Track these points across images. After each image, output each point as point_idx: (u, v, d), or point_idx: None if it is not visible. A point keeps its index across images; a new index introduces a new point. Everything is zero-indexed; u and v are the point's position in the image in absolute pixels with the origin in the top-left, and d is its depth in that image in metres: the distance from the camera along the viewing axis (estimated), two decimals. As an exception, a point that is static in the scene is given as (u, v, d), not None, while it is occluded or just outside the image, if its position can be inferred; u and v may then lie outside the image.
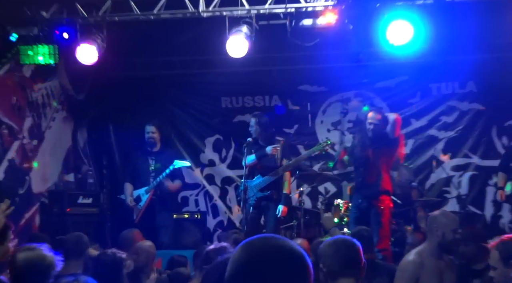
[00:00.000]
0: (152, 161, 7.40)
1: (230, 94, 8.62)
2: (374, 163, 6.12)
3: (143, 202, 7.21)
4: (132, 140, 8.14)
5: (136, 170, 7.41)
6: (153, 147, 7.42)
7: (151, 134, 7.37)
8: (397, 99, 8.19)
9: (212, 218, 8.58)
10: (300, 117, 8.45)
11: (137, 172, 7.40)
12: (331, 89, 8.42)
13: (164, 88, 8.74)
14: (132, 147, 7.81)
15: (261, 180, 6.64)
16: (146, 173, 7.34)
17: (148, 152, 7.43)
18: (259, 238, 1.53)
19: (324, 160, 8.34)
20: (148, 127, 7.41)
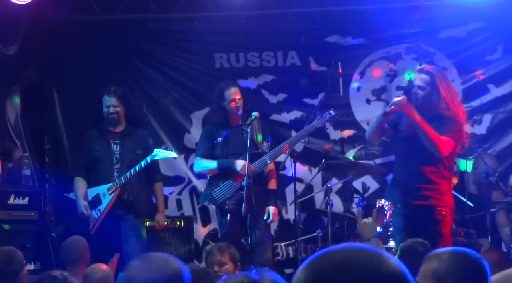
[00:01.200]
0: (115, 146, 7.39)
1: (228, 49, 8.64)
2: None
3: (103, 205, 7.23)
4: (87, 115, 8.09)
5: (93, 159, 7.40)
6: (116, 126, 7.41)
7: (112, 109, 7.35)
8: (468, 55, 8.15)
9: (201, 226, 8.58)
10: (328, 82, 8.34)
11: (93, 162, 7.39)
12: (372, 41, 8.42)
13: (133, 40, 8.72)
14: (86, 126, 7.82)
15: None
16: (107, 164, 7.34)
17: (109, 132, 7.42)
18: (339, 252, 1.49)
19: (363, 143, 8.27)
20: (108, 99, 7.38)
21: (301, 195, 7.73)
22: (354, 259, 1.47)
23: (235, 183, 6.84)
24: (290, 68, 8.52)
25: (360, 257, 1.47)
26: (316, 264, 1.48)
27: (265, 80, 8.58)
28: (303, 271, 1.48)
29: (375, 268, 1.45)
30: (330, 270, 1.46)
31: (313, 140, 8.27)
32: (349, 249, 1.49)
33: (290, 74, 8.50)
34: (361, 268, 1.45)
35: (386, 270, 1.46)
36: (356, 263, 1.46)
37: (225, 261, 5.31)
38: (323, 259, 1.49)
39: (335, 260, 1.47)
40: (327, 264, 1.47)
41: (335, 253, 1.49)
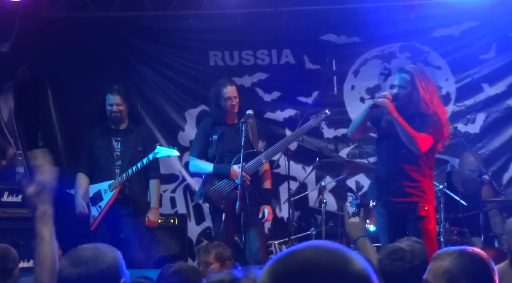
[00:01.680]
0: (116, 143, 7.41)
1: (222, 47, 8.62)
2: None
3: (104, 202, 7.23)
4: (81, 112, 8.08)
5: (94, 156, 7.44)
6: (119, 124, 7.45)
7: (115, 107, 7.38)
8: (462, 54, 8.13)
9: (195, 224, 8.57)
10: (322, 81, 8.39)
11: (95, 159, 7.43)
12: (366, 40, 8.40)
13: (127, 38, 8.70)
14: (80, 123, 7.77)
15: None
16: (108, 161, 7.37)
17: (111, 131, 7.45)
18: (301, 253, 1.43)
19: (356, 141, 8.30)
20: (111, 97, 7.41)
21: (295, 193, 7.74)
22: (317, 259, 1.41)
23: (231, 182, 6.84)
24: (284, 67, 8.49)
25: (323, 257, 1.42)
26: (279, 266, 1.43)
27: (260, 78, 8.57)
28: (266, 274, 1.43)
29: (339, 268, 1.40)
30: (292, 271, 1.40)
31: (307, 139, 8.28)
32: (312, 249, 1.43)
33: (285, 72, 8.47)
34: (324, 268, 1.40)
35: (350, 270, 1.42)
36: (319, 263, 1.40)
37: (211, 261, 5.32)
38: (285, 260, 1.43)
39: (298, 261, 1.42)
40: (290, 265, 1.42)
41: (298, 253, 1.43)
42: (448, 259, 2.89)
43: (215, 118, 7.13)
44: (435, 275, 2.91)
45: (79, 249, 2.74)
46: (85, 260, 2.64)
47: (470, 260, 2.85)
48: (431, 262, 2.96)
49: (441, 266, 2.89)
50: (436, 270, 2.90)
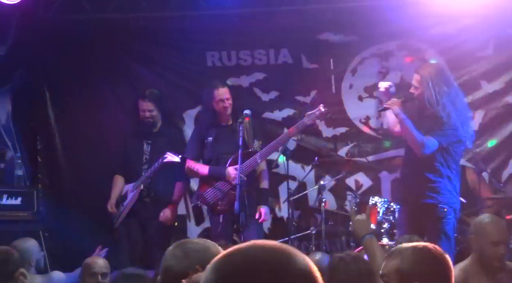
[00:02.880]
0: (147, 146, 7.59)
1: (220, 48, 8.61)
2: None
3: (127, 201, 7.43)
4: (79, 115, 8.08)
5: (126, 159, 7.63)
6: (153, 128, 7.64)
7: (147, 113, 7.60)
8: (459, 51, 8.12)
9: (194, 225, 8.57)
10: (320, 80, 8.41)
11: (127, 161, 7.63)
12: (364, 38, 8.38)
13: (124, 39, 8.70)
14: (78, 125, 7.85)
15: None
16: (138, 164, 7.57)
17: (143, 133, 7.65)
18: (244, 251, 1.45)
19: (356, 140, 8.28)
20: (142, 103, 7.60)
21: (294, 193, 7.74)
22: (261, 256, 1.43)
23: (227, 184, 6.86)
24: (282, 66, 8.47)
25: (266, 254, 1.43)
26: (221, 265, 1.44)
27: (257, 78, 8.55)
28: (211, 271, 1.45)
29: (282, 266, 1.41)
30: (237, 268, 1.42)
31: (306, 138, 8.29)
32: (254, 248, 1.45)
33: (282, 72, 8.46)
34: (268, 264, 1.41)
35: (293, 268, 1.43)
36: (263, 260, 1.42)
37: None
38: (230, 257, 1.45)
39: (240, 259, 1.43)
40: (232, 264, 1.43)
41: (240, 252, 1.45)
42: (399, 257, 2.90)
43: (209, 119, 7.15)
44: (389, 272, 2.92)
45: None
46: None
47: (422, 257, 2.86)
48: (385, 260, 2.98)
49: (394, 264, 2.90)
50: (390, 268, 2.92)
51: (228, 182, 6.82)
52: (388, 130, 7.02)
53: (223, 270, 1.44)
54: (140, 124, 7.64)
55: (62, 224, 7.84)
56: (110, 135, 8.19)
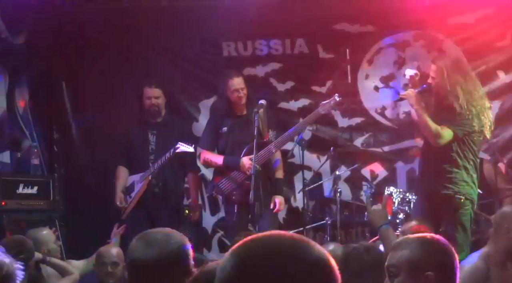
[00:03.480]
0: (152, 136, 7.47)
1: (236, 38, 8.61)
2: None
3: (135, 192, 7.32)
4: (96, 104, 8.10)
5: (130, 149, 7.51)
6: (156, 117, 7.51)
7: (153, 100, 7.45)
8: (476, 41, 8.07)
9: (210, 215, 8.59)
10: (336, 70, 8.39)
11: (131, 151, 7.51)
12: (380, 28, 8.36)
13: (141, 28, 8.66)
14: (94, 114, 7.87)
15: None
16: (143, 154, 7.44)
17: (147, 123, 7.52)
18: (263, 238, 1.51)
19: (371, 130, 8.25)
20: (148, 90, 7.48)
21: (309, 183, 7.74)
22: (278, 246, 1.49)
23: (241, 174, 6.85)
24: (298, 56, 8.46)
25: (283, 244, 1.50)
26: (242, 251, 1.50)
27: (273, 68, 8.54)
28: (229, 257, 1.50)
29: (299, 255, 1.47)
30: (255, 255, 1.48)
31: (321, 128, 8.27)
32: (272, 237, 1.51)
33: (298, 62, 8.44)
34: (285, 254, 1.47)
35: (309, 257, 1.48)
36: (280, 250, 1.48)
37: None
38: (248, 245, 1.50)
39: (259, 247, 1.49)
40: (251, 252, 1.49)
41: (259, 240, 1.51)
42: (408, 248, 2.89)
43: (223, 109, 7.13)
44: (398, 263, 2.91)
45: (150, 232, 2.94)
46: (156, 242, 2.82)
47: (429, 248, 2.86)
48: (391, 251, 2.97)
49: (403, 254, 2.89)
50: (398, 259, 2.91)
51: (242, 172, 6.80)
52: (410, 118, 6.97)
53: (242, 256, 1.50)
54: (144, 114, 7.51)
55: (78, 213, 7.87)
56: (126, 125, 8.19)
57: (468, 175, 6.17)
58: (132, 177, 7.39)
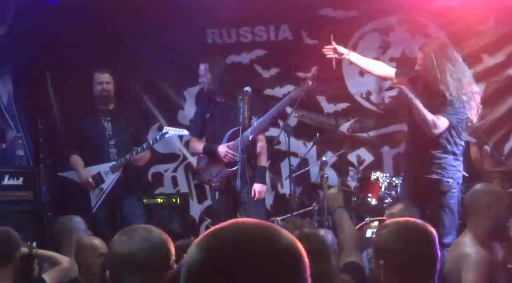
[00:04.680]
0: (106, 123, 7.36)
1: (219, 24, 8.59)
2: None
3: (106, 184, 7.22)
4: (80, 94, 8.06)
5: (85, 138, 7.39)
6: (108, 104, 7.42)
7: (105, 85, 7.35)
8: (460, 25, 8.05)
9: (197, 203, 8.59)
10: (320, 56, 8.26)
11: (87, 140, 7.38)
12: (364, 13, 8.34)
13: (124, 18, 8.63)
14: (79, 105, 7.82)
15: None
16: (102, 141, 7.33)
17: (99, 111, 7.40)
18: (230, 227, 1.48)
19: (357, 115, 8.23)
20: (100, 76, 7.38)
21: (296, 169, 7.71)
22: (245, 234, 1.46)
23: (220, 161, 6.81)
24: (282, 42, 8.43)
25: (251, 232, 1.46)
26: (209, 242, 1.46)
27: (258, 55, 8.52)
28: (197, 249, 1.47)
29: (268, 244, 1.44)
30: (222, 246, 1.44)
31: (307, 114, 8.24)
32: (240, 225, 1.48)
33: (283, 48, 8.41)
34: (254, 243, 1.44)
35: (278, 244, 1.45)
36: (248, 237, 1.45)
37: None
38: (215, 236, 1.47)
39: (227, 235, 1.46)
40: (219, 240, 1.46)
41: (226, 229, 1.47)
42: (383, 232, 2.91)
43: (205, 97, 7.13)
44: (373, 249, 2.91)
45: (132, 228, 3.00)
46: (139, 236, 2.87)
47: (406, 232, 2.86)
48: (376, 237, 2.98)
49: (379, 241, 2.91)
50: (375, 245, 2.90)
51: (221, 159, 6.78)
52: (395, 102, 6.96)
53: (209, 248, 1.46)
54: (96, 100, 7.37)
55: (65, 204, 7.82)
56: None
57: (455, 160, 6.17)
58: (96, 168, 7.24)
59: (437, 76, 6.00)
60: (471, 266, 4.22)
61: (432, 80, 6.05)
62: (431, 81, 6.06)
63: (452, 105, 6.02)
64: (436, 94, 6.07)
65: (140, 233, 2.89)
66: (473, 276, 4.18)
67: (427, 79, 6.10)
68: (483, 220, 4.42)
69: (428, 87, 6.12)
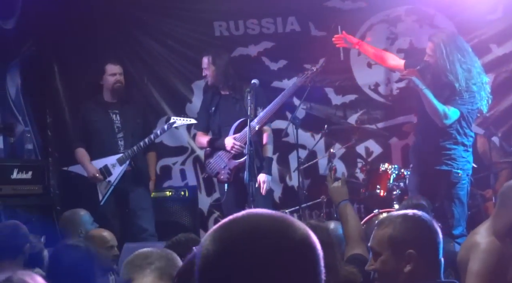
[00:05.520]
0: (114, 115, 7.34)
1: (227, 17, 8.55)
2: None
3: (114, 176, 7.22)
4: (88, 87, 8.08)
5: (93, 131, 7.40)
6: (115, 96, 7.45)
7: (118, 76, 7.39)
8: (468, 15, 7.99)
9: (205, 196, 8.57)
10: (328, 47, 8.24)
11: (94, 133, 7.40)
12: (372, 4, 8.29)
13: (131, 11, 8.66)
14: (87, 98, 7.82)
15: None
16: (109, 134, 7.34)
17: (106, 103, 7.42)
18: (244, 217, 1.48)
19: (365, 107, 8.22)
20: (113, 67, 7.41)
21: (304, 161, 7.68)
22: (258, 225, 1.45)
23: (228, 153, 6.81)
24: (290, 35, 8.39)
25: (264, 224, 1.45)
26: (222, 233, 1.46)
27: (265, 47, 8.47)
28: (210, 241, 1.47)
29: (281, 235, 1.44)
30: (235, 237, 1.44)
31: (315, 106, 8.21)
32: (252, 216, 1.48)
33: (290, 40, 8.38)
34: (267, 235, 1.43)
35: (293, 235, 1.45)
36: (260, 228, 1.44)
37: None
38: (228, 227, 1.47)
39: (240, 227, 1.45)
40: (232, 232, 1.45)
41: (239, 220, 1.47)
42: (391, 225, 2.90)
43: (210, 89, 7.14)
44: (379, 242, 2.89)
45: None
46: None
47: (413, 225, 2.87)
48: (375, 230, 2.95)
49: (385, 232, 2.90)
50: (380, 237, 2.89)
51: (228, 152, 6.79)
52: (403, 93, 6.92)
53: (223, 239, 1.45)
54: (109, 92, 7.38)
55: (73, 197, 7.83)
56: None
57: (465, 151, 6.15)
58: (102, 161, 7.26)
59: (446, 67, 5.98)
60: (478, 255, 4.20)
61: (442, 71, 6.03)
62: (441, 71, 6.04)
63: (461, 96, 6.01)
64: (445, 84, 6.05)
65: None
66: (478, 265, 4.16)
67: (436, 70, 6.08)
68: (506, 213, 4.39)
69: (438, 77, 6.10)
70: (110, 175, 7.22)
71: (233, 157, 6.77)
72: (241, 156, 6.62)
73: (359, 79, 8.26)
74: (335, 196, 4.57)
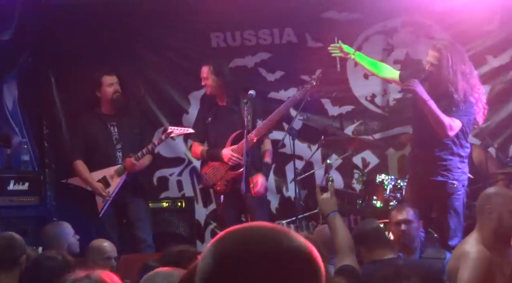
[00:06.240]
0: (112, 127, 7.32)
1: (224, 28, 8.58)
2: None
3: (112, 188, 7.23)
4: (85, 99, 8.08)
5: (91, 143, 7.38)
6: (112, 107, 7.44)
7: (116, 86, 7.37)
8: (464, 26, 7.99)
9: (202, 207, 8.53)
10: (325, 58, 8.26)
11: (92, 145, 7.38)
12: (368, 16, 8.32)
13: (128, 22, 8.67)
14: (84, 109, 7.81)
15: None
16: (108, 145, 7.32)
17: (104, 115, 7.42)
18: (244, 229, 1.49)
19: (362, 118, 8.23)
20: (109, 78, 7.40)
21: (301, 172, 7.69)
22: (253, 238, 1.46)
23: (225, 164, 6.82)
24: (286, 46, 8.42)
25: (263, 237, 1.46)
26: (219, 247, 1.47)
27: (262, 58, 8.50)
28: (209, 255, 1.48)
29: (278, 248, 1.44)
30: (233, 252, 1.45)
31: (311, 117, 8.23)
32: (249, 229, 1.49)
33: (287, 51, 8.40)
34: (263, 244, 1.44)
35: (290, 245, 1.45)
36: (259, 240, 1.45)
37: None
38: (224, 241, 1.48)
39: (236, 241, 1.46)
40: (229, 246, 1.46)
41: (238, 234, 1.48)
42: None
43: (208, 100, 7.13)
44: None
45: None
46: None
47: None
48: None
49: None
50: None
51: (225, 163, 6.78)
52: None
53: (220, 253, 1.47)
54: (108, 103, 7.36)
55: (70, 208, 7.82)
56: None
57: (461, 162, 6.16)
58: (101, 172, 7.24)
59: (449, 77, 5.98)
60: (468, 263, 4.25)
61: (443, 81, 6.02)
62: (443, 81, 6.03)
63: (457, 106, 6.01)
64: (442, 94, 6.05)
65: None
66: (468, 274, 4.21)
67: (437, 80, 6.06)
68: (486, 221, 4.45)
69: (437, 87, 6.08)
70: (108, 186, 7.22)
71: (230, 168, 6.76)
72: (238, 167, 6.62)
73: (355, 90, 8.28)
74: (324, 207, 4.53)
